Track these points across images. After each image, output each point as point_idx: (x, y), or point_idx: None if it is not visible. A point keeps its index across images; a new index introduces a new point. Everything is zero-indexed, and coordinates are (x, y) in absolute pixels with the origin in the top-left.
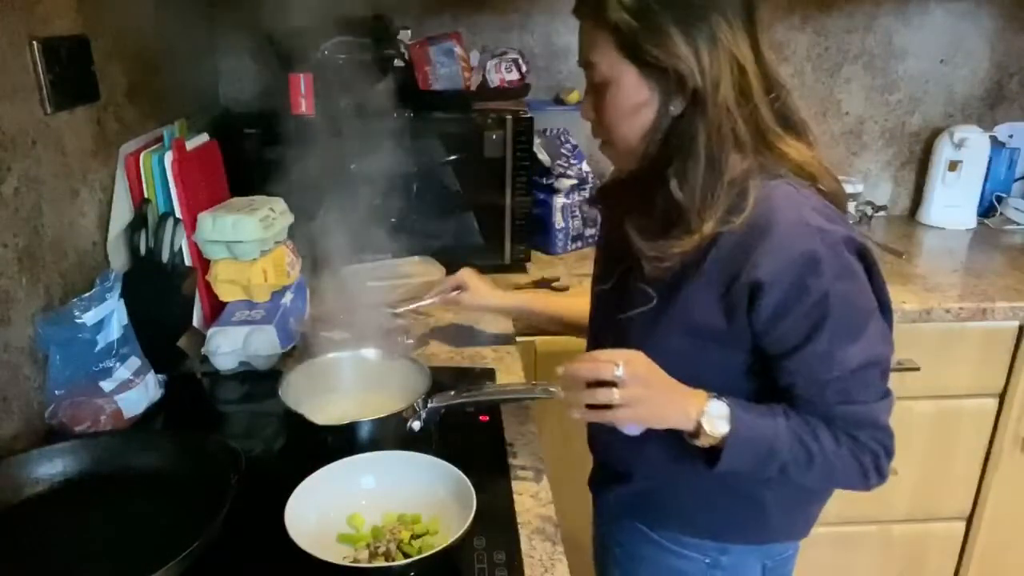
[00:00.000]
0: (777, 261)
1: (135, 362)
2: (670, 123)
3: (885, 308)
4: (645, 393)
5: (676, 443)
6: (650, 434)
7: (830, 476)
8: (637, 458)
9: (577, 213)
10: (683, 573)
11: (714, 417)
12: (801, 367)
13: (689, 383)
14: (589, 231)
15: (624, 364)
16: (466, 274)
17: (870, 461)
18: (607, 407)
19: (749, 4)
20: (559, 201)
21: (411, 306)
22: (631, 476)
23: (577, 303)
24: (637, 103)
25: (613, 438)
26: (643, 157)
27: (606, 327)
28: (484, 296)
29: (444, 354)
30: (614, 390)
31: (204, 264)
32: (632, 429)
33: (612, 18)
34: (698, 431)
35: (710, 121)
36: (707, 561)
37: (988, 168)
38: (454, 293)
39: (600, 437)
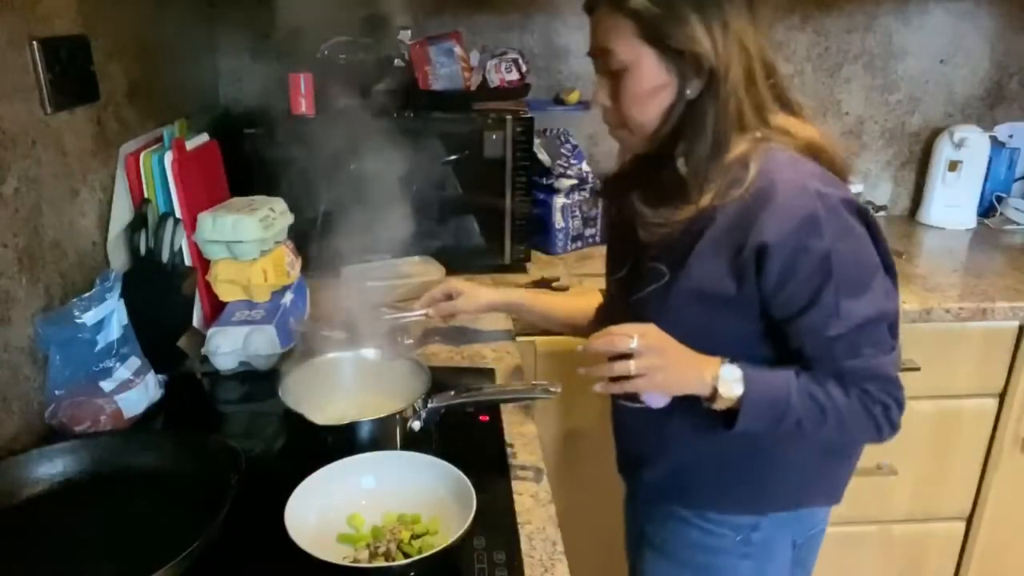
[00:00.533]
0: (780, 224)
1: (135, 362)
2: (685, 105)
3: (888, 268)
4: (660, 362)
5: (696, 418)
6: (670, 412)
7: (843, 428)
8: (660, 438)
9: (577, 213)
10: (715, 550)
11: (728, 380)
12: (809, 327)
13: (704, 352)
14: (589, 231)
15: (638, 336)
16: (455, 281)
17: (881, 412)
18: (627, 379)
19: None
20: (559, 201)
21: (400, 316)
22: (656, 457)
23: (575, 302)
24: (656, 86)
25: (636, 420)
26: (656, 139)
27: (622, 310)
28: (479, 297)
29: (444, 354)
30: (631, 361)
31: (204, 264)
32: (657, 400)
33: (633, 5)
34: (714, 395)
35: (720, 102)
36: (738, 538)
37: (988, 168)
38: (448, 303)
39: (624, 421)
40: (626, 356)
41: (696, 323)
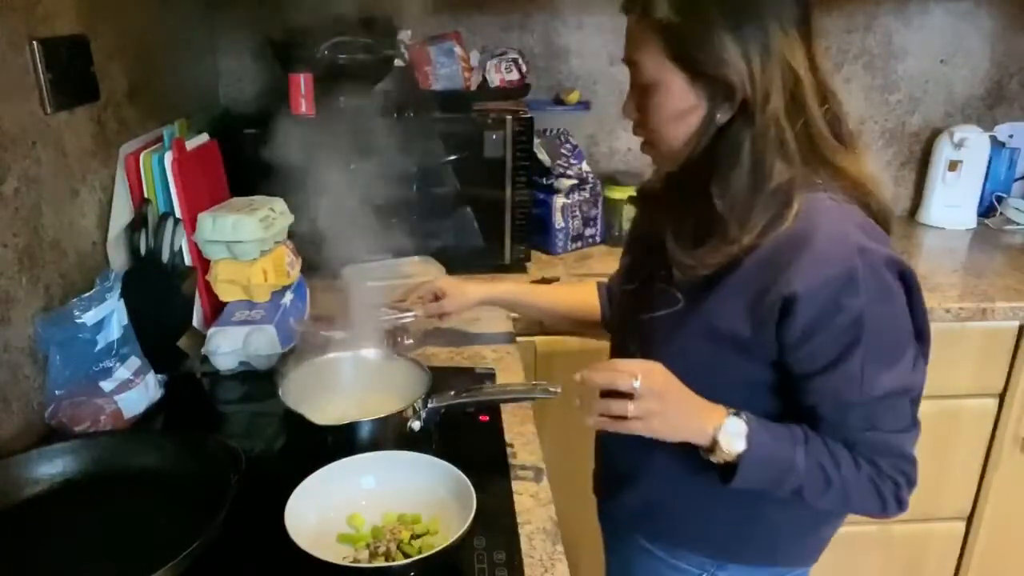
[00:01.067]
0: (814, 276)
1: (135, 362)
2: (716, 131)
3: (922, 336)
4: (660, 407)
5: (685, 453)
6: (655, 444)
7: (846, 501)
8: (644, 464)
9: (577, 213)
10: None
11: (731, 435)
12: (828, 388)
13: (709, 393)
14: (589, 231)
15: (642, 376)
16: (441, 281)
17: (890, 490)
18: (623, 418)
19: (805, 10)
20: (559, 201)
21: (399, 316)
22: (636, 482)
23: (568, 295)
24: (682, 109)
25: (622, 442)
26: (685, 161)
27: (631, 328)
28: (465, 295)
29: (444, 354)
30: (629, 403)
31: (204, 264)
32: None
33: (659, 17)
34: (713, 447)
35: (758, 132)
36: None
37: (988, 168)
38: (435, 304)
39: (606, 443)
40: (626, 395)
41: (703, 360)
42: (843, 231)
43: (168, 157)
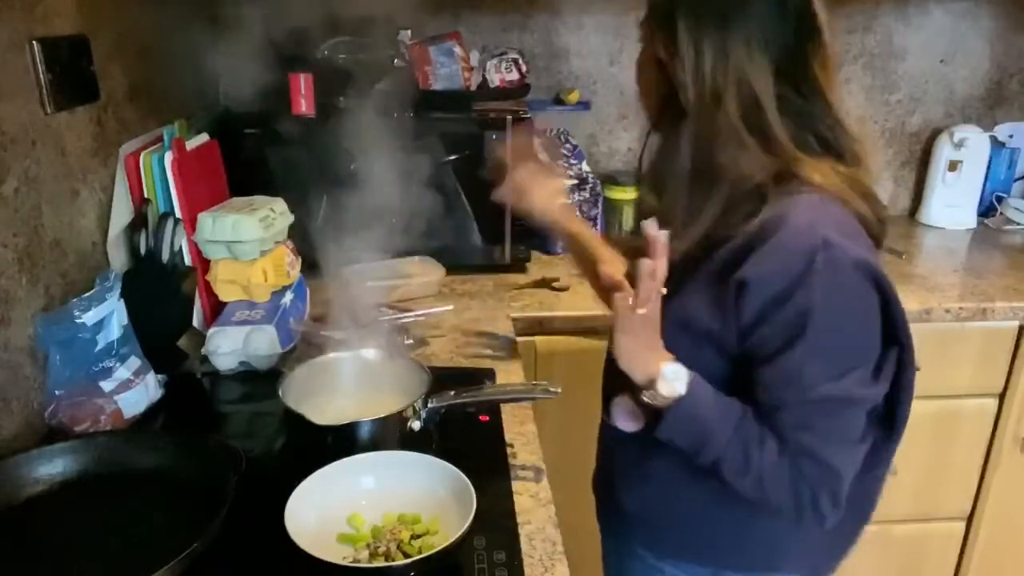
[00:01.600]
0: (769, 263)
1: (135, 362)
2: (678, 115)
3: (902, 346)
4: (641, 333)
5: (685, 460)
6: (653, 447)
7: (761, 491)
8: (643, 467)
9: (577, 213)
10: None
11: (670, 379)
12: (769, 379)
13: None
14: None
15: (643, 307)
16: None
17: (808, 498)
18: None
19: (791, 38)
20: None
21: (400, 316)
22: (634, 485)
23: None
24: (649, 80)
25: (622, 445)
26: (653, 119)
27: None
28: (537, 203)
29: (444, 354)
30: (634, 305)
31: (204, 264)
32: (625, 423)
33: None
34: (650, 384)
35: (710, 128)
36: None
37: (988, 168)
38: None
39: (608, 442)
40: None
41: (682, 355)
42: (811, 224)
43: (168, 157)
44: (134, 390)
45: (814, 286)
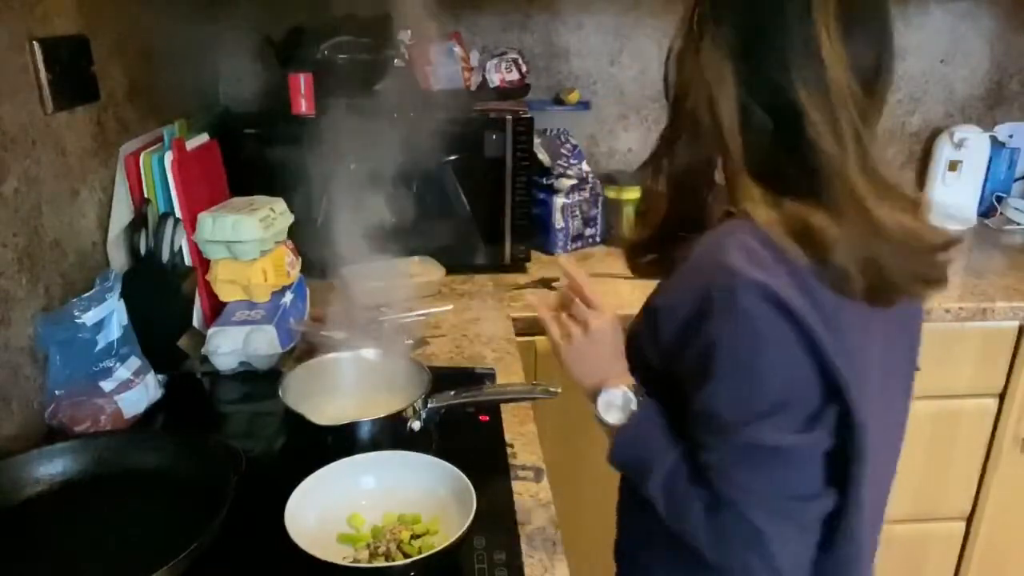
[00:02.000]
0: (675, 291)
1: (135, 362)
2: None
3: (839, 394)
4: (588, 349)
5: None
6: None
7: (701, 547)
8: (637, 531)
9: (577, 213)
10: None
11: (614, 404)
12: (692, 415)
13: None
14: (589, 231)
15: (595, 320)
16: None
17: (739, 561)
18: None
19: (757, 52)
20: (559, 201)
21: (400, 316)
22: (627, 552)
23: None
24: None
25: (632, 506)
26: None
27: None
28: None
29: (444, 354)
30: (574, 327)
31: (204, 264)
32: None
33: None
34: (594, 398)
35: (676, 127)
36: None
37: (988, 168)
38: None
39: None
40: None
41: (648, 387)
42: (719, 249)
43: (168, 157)
44: (134, 390)
45: (713, 315)
